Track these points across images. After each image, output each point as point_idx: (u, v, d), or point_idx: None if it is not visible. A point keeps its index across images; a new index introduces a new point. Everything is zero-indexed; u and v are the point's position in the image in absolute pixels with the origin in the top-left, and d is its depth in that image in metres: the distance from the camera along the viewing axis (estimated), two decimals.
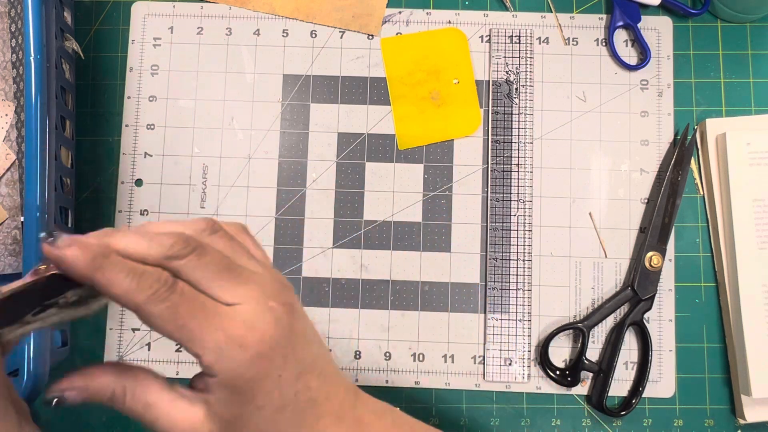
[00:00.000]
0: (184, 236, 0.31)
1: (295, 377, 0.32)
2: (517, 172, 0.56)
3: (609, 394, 0.53)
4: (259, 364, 0.30)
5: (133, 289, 0.29)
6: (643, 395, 0.53)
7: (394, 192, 0.57)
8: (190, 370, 0.55)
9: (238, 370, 0.30)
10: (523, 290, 0.55)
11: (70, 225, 0.56)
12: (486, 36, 0.58)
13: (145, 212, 0.57)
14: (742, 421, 0.53)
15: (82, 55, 0.57)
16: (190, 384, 0.32)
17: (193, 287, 0.31)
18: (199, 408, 0.31)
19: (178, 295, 0.30)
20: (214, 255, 0.31)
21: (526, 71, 0.57)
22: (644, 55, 0.57)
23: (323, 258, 0.56)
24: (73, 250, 0.28)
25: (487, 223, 0.56)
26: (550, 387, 0.54)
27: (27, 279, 0.31)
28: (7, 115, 0.55)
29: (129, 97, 0.58)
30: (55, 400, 0.30)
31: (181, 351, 0.55)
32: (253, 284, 0.31)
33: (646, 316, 0.54)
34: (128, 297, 0.29)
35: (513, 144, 0.56)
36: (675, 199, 0.54)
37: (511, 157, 0.56)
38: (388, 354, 0.55)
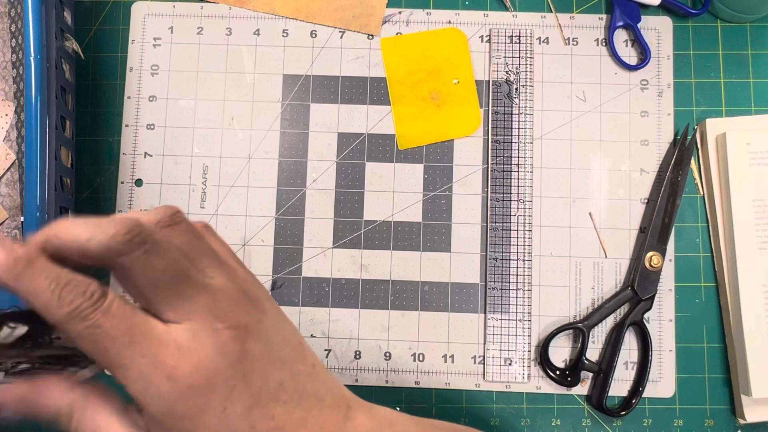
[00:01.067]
0: (134, 225, 0.26)
1: (247, 409, 0.27)
2: (517, 172, 0.56)
3: (609, 394, 0.53)
4: (193, 398, 0.26)
5: (53, 303, 0.25)
6: (643, 395, 0.53)
7: (394, 192, 0.57)
8: None
9: (165, 405, 0.26)
10: (523, 290, 0.55)
11: None
12: (486, 36, 0.58)
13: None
14: (742, 421, 0.53)
15: (82, 55, 0.57)
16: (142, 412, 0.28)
17: (131, 296, 0.27)
18: None
19: (102, 314, 0.25)
20: (166, 255, 0.27)
21: (526, 71, 0.57)
22: (644, 55, 0.57)
23: (323, 258, 0.56)
24: None
25: (487, 223, 0.56)
26: (550, 387, 0.54)
27: None
28: (7, 115, 0.55)
29: (129, 97, 0.58)
30: None
31: None
32: (202, 298, 0.27)
33: (646, 316, 0.54)
34: (48, 311, 0.25)
35: (513, 144, 0.56)
36: (675, 199, 0.54)
37: (511, 157, 0.56)
38: (388, 354, 0.55)
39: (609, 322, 0.55)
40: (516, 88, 0.57)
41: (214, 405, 0.26)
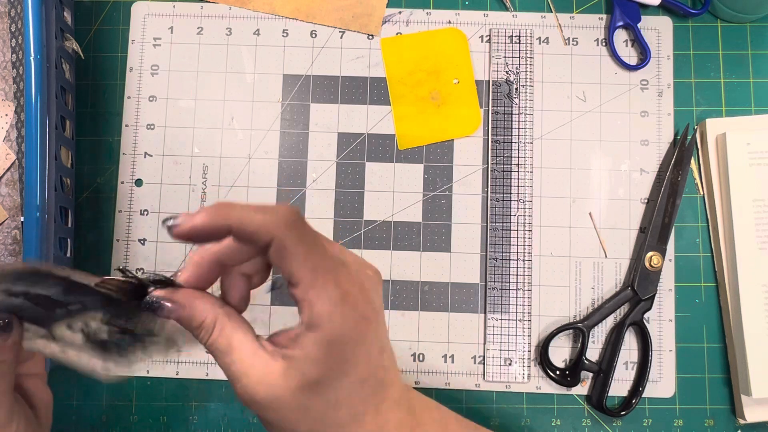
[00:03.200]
0: (293, 210, 0.32)
1: (379, 351, 0.32)
2: (517, 172, 0.56)
3: (609, 394, 0.53)
4: (363, 327, 0.30)
5: (269, 221, 0.29)
6: (643, 395, 0.53)
7: (394, 192, 0.57)
8: (189, 371, 0.55)
9: (344, 328, 0.30)
10: (523, 290, 0.55)
11: (70, 225, 0.56)
12: (486, 36, 0.58)
13: (145, 212, 0.57)
14: (742, 421, 0.53)
15: (82, 55, 0.57)
16: (269, 338, 0.32)
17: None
18: (279, 364, 0.30)
19: (312, 235, 0.30)
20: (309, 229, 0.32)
21: (526, 71, 0.57)
22: (644, 55, 0.57)
23: None
24: (197, 216, 0.29)
25: (487, 223, 0.56)
26: (550, 387, 0.54)
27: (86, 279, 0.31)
28: (7, 115, 0.55)
29: (129, 97, 0.58)
30: (155, 304, 0.31)
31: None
32: (349, 252, 0.32)
33: (646, 316, 0.54)
34: (267, 229, 0.29)
35: (513, 144, 0.56)
36: (675, 199, 0.54)
37: (511, 157, 0.56)
38: None
39: (609, 322, 0.55)
40: (516, 88, 0.57)
41: (369, 337, 0.31)
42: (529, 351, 0.54)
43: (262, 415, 0.31)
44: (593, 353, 0.54)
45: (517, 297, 0.55)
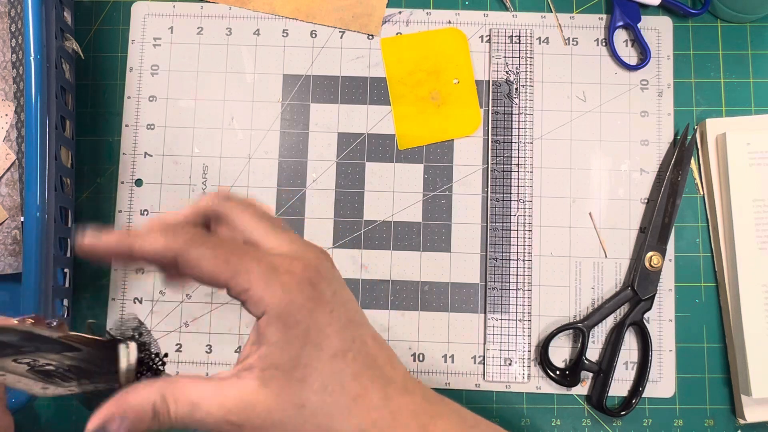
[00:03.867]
0: (216, 194, 0.32)
1: (347, 320, 0.30)
2: (517, 172, 0.56)
3: (609, 394, 0.53)
4: (309, 289, 0.29)
5: (169, 239, 0.28)
6: (643, 395, 0.53)
7: (394, 192, 0.57)
8: (189, 371, 0.55)
9: (289, 295, 0.28)
10: (523, 290, 0.55)
11: (69, 225, 0.56)
12: (486, 36, 0.58)
13: (145, 212, 0.57)
14: (742, 421, 0.53)
15: (82, 55, 0.57)
16: (239, 363, 0.30)
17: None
18: (249, 378, 0.28)
19: (217, 238, 0.30)
20: (255, 206, 0.32)
21: (526, 71, 0.57)
22: (644, 55, 0.57)
23: None
24: (108, 235, 0.29)
25: (487, 223, 0.56)
26: (550, 387, 0.54)
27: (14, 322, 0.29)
28: (7, 115, 0.55)
29: (129, 97, 0.58)
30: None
31: (182, 351, 0.55)
32: (294, 235, 0.32)
33: (646, 316, 0.54)
34: (168, 248, 0.28)
35: (513, 144, 0.56)
36: (675, 199, 0.54)
37: (511, 157, 0.56)
38: None
39: (609, 322, 0.55)
40: (516, 88, 0.57)
41: (323, 302, 0.29)
42: (529, 351, 0.54)
43: None
44: (593, 353, 0.54)
45: (517, 297, 0.55)
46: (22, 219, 0.54)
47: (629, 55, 0.57)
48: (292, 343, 0.28)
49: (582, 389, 0.54)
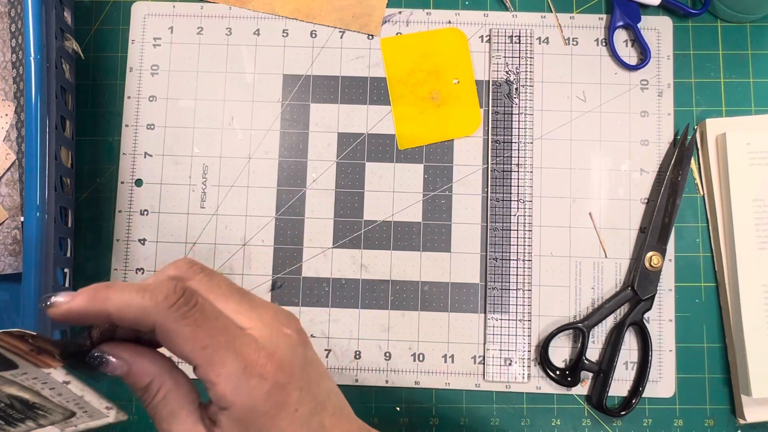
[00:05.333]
0: (184, 262, 0.30)
1: (309, 413, 0.30)
2: (517, 172, 0.56)
3: (609, 394, 0.53)
4: (277, 395, 0.28)
5: (147, 305, 0.27)
6: (643, 395, 0.53)
7: (394, 192, 0.57)
8: (189, 371, 0.55)
9: (254, 402, 0.28)
10: (523, 290, 0.55)
11: (70, 225, 0.56)
12: (486, 36, 0.58)
13: (145, 212, 0.57)
14: (742, 421, 0.53)
15: (82, 55, 0.57)
16: (208, 411, 0.30)
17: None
18: None
19: (199, 311, 0.28)
20: (221, 277, 0.30)
21: (526, 71, 0.57)
22: (644, 55, 0.57)
23: (323, 258, 0.56)
24: (75, 298, 0.27)
25: (487, 223, 0.56)
26: (550, 387, 0.54)
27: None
28: (7, 115, 0.55)
29: (129, 97, 0.58)
30: (100, 360, 0.28)
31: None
32: (264, 309, 0.30)
33: (646, 316, 0.54)
34: (146, 313, 0.27)
35: (513, 144, 0.56)
36: (675, 199, 0.54)
37: (511, 157, 0.56)
38: (388, 354, 0.55)
39: (609, 322, 0.55)
40: (516, 88, 0.57)
41: (290, 404, 0.29)
42: (529, 351, 0.54)
43: None
44: (593, 353, 0.54)
45: (517, 297, 0.55)
46: (22, 219, 0.54)
47: (629, 55, 0.57)
48: None
49: (582, 389, 0.54)
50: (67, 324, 0.28)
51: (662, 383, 0.54)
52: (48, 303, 0.27)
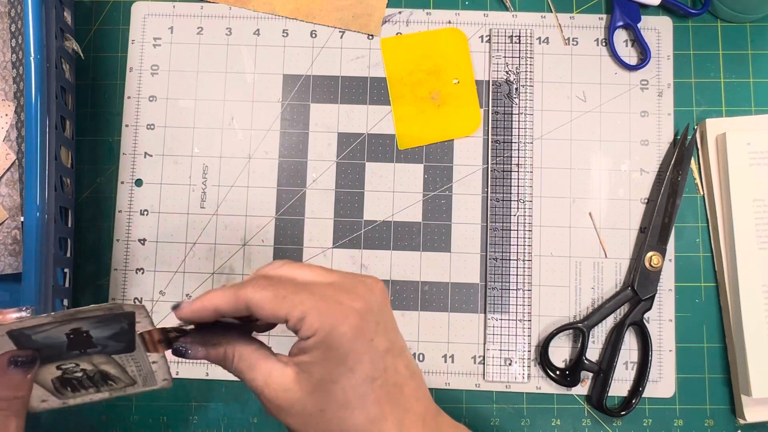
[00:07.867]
0: (277, 261, 0.36)
1: (385, 349, 0.33)
2: (517, 172, 0.56)
3: (609, 394, 0.53)
4: (354, 320, 0.32)
5: (238, 286, 0.33)
6: (643, 395, 0.53)
7: (394, 192, 0.57)
8: (189, 371, 0.55)
9: (334, 324, 0.32)
10: (523, 290, 0.55)
11: (70, 225, 0.56)
12: (486, 36, 0.58)
13: (145, 212, 0.57)
14: (742, 421, 0.53)
15: (82, 55, 0.57)
16: (289, 353, 0.34)
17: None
18: (291, 370, 0.33)
19: (277, 279, 0.33)
20: (307, 263, 0.36)
21: (526, 71, 0.57)
22: (644, 55, 0.57)
23: (323, 258, 0.56)
24: (193, 303, 0.34)
25: (487, 223, 0.56)
26: (550, 387, 0.54)
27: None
28: (7, 115, 0.55)
29: (129, 97, 0.58)
30: (185, 349, 0.34)
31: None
32: (345, 272, 0.35)
33: (646, 316, 0.54)
34: (239, 294, 0.32)
35: (513, 144, 0.56)
36: (675, 199, 0.54)
37: (511, 157, 0.56)
38: None
39: (609, 322, 0.55)
40: (516, 88, 0.57)
41: (365, 332, 0.33)
42: (529, 351, 0.54)
43: (286, 423, 0.34)
44: (593, 353, 0.54)
45: (517, 297, 0.55)
46: (22, 219, 0.54)
47: (629, 55, 0.57)
48: (329, 361, 0.32)
49: (582, 389, 0.54)
50: (191, 321, 0.35)
51: (662, 383, 0.54)
52: (179, 304, 0.34)
